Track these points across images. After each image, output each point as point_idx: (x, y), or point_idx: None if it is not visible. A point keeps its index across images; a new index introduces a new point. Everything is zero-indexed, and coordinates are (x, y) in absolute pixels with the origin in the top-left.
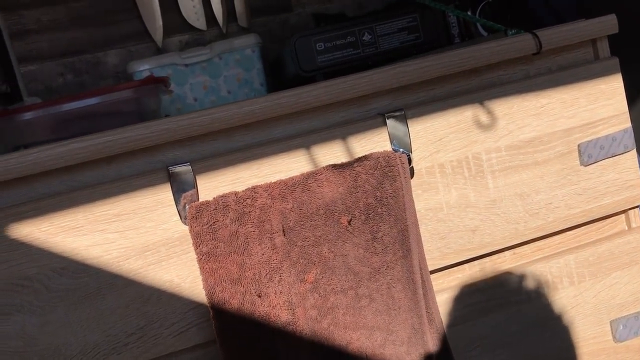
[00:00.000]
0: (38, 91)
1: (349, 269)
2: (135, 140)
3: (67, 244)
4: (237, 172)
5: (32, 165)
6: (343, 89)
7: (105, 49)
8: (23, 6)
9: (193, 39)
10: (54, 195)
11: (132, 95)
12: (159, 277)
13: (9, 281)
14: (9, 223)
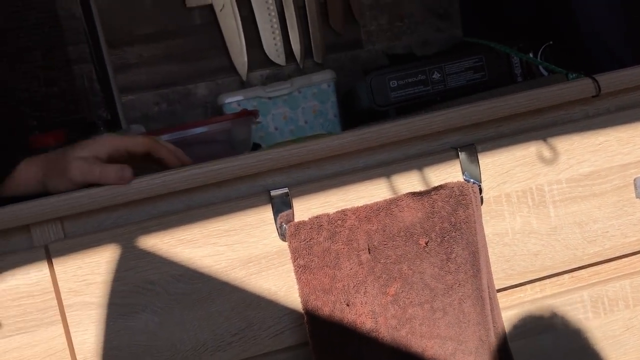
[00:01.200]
0: (136, 118)
1: (425, 284)
2: (243, 168)
3: (184, 254)
4: (327, 196)
5: (159, 187)
6: (421, 126)
7: (195, 81)
8: (127, 44)
9: (273, 74)
10: (174, 213)
11: (229, 126)
12: (259, 285)
13: (137, 284)
14: (138, 236)
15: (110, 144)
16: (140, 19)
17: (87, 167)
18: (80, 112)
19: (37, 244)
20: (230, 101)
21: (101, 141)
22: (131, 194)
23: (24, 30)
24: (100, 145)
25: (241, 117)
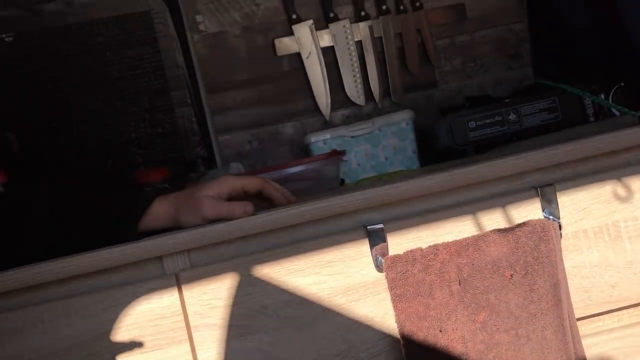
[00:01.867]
0: (230, 156)
1: (510, 313)
2: (344, 206)
3: (292, 282)
4: (418, 232)
5: (272, 223)
6: (504, 168)
7: (283, 121)
8: (224, 89)
9: (353, 113)
10: (284, 246)
11: (321, 164)
12: (358, 311)
13: (252, 308)
14: (253, 265)
15: (230, 184)
16: (236, 67)
17: (216, 205)
18: (180, 150)
19: (168, 272)
20: (316, 140)
21: (223, 182)
22: (248, 229)
23: (134, 79)
24: (223, 186)
25: (331, 156)
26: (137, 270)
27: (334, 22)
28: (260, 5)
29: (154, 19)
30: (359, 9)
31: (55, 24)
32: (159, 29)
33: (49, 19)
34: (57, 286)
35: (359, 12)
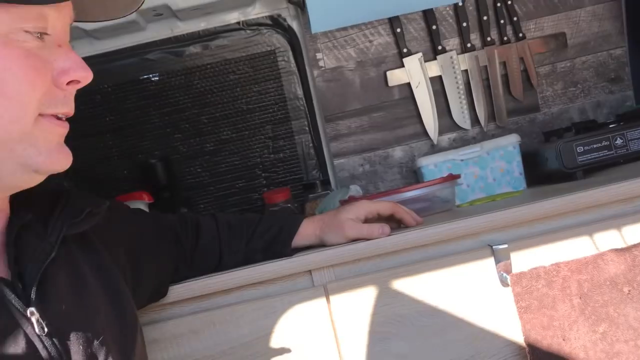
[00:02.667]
0: (344, 178)
1: (629, 325)
2: (470, 227)
3: (425, 294)
4: (539, 250)
5: (405, 242)
6: (617, 193)
7: (393, 146)
8: (339, 118)
9: (459, 137)
10: (416, 262)
11: (440, 187)
12: (484, 321)
13: (390, 317)
14: (390, 279)
15: (367, 208)
16: (350, 98)
17: (357, 226)
18: (299, 173)
19: (317, 284)
20: (427, 163)
21: (360, 206)
22: (385, 247)
23: (259, 110)
24: (361, 210)
25: (448, 180)
26: (290, 282)
27: (442, 54)
28: (374, 41)
29: (278, 57)
30: (465, 41)
31: (195, 64)
32: (282, 65)
33: (189, 60)
34: (225, 295)
35: (465, 44)
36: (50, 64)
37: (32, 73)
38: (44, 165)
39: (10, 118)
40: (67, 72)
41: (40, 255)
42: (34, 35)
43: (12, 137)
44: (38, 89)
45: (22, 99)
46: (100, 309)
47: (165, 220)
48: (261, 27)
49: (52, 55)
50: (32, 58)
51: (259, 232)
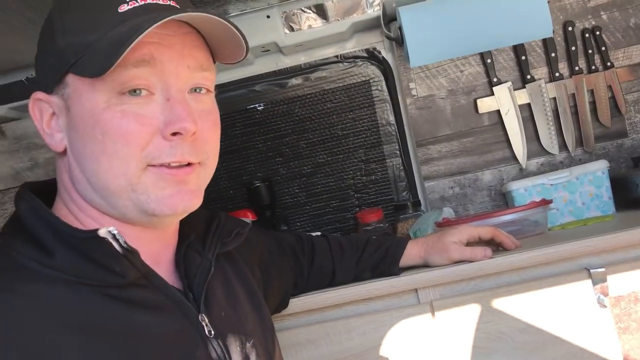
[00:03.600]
0: (434, 200)
1: None
2: (569, 251)
3: (524, 313)
4: (634, 275)
5: (507, 264)
6: None
7: (482, 169)
8: (430, 143)
9: (547, 161)
10: (515, 284)
11: (534, 212)
12: (582, 339)
13: (491, 333)
14: (492, 298)
15: (469, 232)
16: (441, 124)
17: (461, 249)
18: (390, 194)
19: (422, 301)
20: (517, 187)
21: (463, 230)
22: (488, 269)
23: (353, 135)
24: (463, 233)
25: (542, 204)
26: (397, 299)
27: (531, 83)
28: (465, 71)
29: (372, 86)
30: (553, 71)
31: (296, 94)
32: (375, 94)
33: (291, 91)
34: (337, 308)
35: (554, 73)
36: (155, 119)
37: (126, 132)
38: (157, 211)
39: (116, 173)
40: (169, 125)
41: (204, 270)
42: (131, 95)
43: (124, 188)
44: (135, 145)
45: (121, 156)
46: (248, 316)
47: (285, 239)
48: (357, 59)
49: (157, 109)
50: (128, 118)
51: (368, 252)
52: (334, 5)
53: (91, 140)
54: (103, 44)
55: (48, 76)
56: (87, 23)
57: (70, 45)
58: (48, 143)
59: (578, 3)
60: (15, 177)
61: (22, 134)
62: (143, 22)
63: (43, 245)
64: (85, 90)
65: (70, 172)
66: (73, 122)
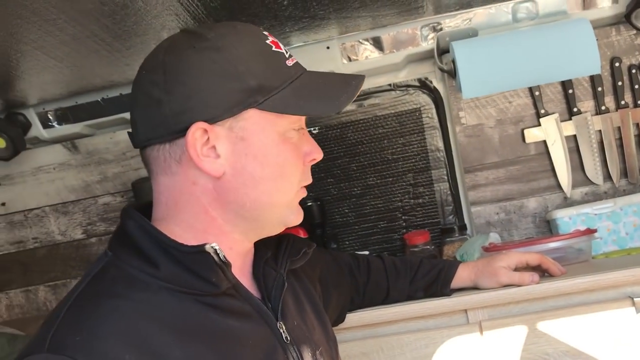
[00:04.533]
0: (480, 225)
1: None
2: (614, 279)
3: (569, 336)
4: None
5: (553, 290)
6: None
7: (528, 196)
8: (478, 169)
9: (591, 191)
10: (560, 308)
11: (578, 240)
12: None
13: (537, 354)
14: (538, 321)
15: (517, 258)
16: (489, 152)
17: (510, 274)
18: (436, 217)
19: (472, 321)
20: (562, 216)
21: (512, 256)
22: (535, 293)
23: (403, 160)
24: (512, 259)
25: (587, 234)
26: (447, 318)
27: (577, 115)
28: (513, 102)
29: (422, 114)
30: (599, 104)
31: (349, 119)
32: (425, 121)
33: (344, 116)
34: (391, 325)
35: (600, 106)
36: (302, 150)
37: (298, 160)
38: (293, 222)
39: (284, 192)
40: (310, 155)
41: (279, 283)
42: (296, 130)
43: (281, 204)
44: (299, 171)
45: (292, 179)
46: (314, 327)
47: (342, 257)
48: (409, 88)
49: (300, 141)
50: (296, 148)
51: (421, 273)
52: (390, 37)
53: (270, 165)
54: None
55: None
56: (269, 71)
57: (263, 86)
58: (205, 167)
59: (625, 40)
60: (85, 189)
61: (93, 150)
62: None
63: (149, 258)
64: (268, 124)
65: (218, 193)
66: (250, 150)
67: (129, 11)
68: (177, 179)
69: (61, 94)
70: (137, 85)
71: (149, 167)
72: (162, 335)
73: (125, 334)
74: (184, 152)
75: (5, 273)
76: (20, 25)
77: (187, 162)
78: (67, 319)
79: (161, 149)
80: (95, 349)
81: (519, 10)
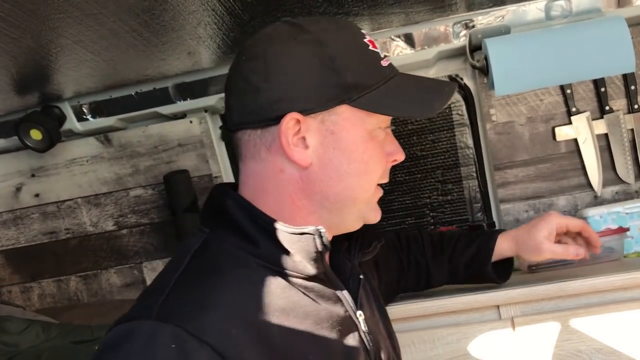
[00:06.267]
0: (508, 222)
1: None
2: None
3: (602, 334)
4: None
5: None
6: None
7: (557, 195)
8: (508, 167)
9: (622, 190)
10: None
11: (611, 238)
12: None
13: (570, 351)
14: (571, 318)
15: (558, 223)
16: (519, 150)
17: (554, 248)
18: (465, 214)
19: (503, 317)
20: (593, 214)
21: (551, 220)
22: (569, 290)
23: (432, 156)
24: (552, 224)
25: (619, 232)
26: (479, 313)
27: (609, 114)
28: (544, 100)
29: (452, 110)
30: (632, 103)
31: None
32: (455, 118)
33: None
34: (423, 319)
35: (632, 105)
36: (386, 149)
37: (382, 159)
38: (372, 219)
39: (365, 188)
40: (392, 155)
41: (356, 274)
42: (383, 129)
43: (362, 200)
44: (381, 169)
45: (374, 177)
46: (381, 318)
47: (389, 238)
48: None
49: (385, 141)
50: (381, 147)
51: (459, 249)
52: (422, 34)
53: (356, 160)
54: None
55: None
56: (365, 69)
57: (358, 84)
58: (294, 156)
59: None
60: (117, 181)
61: (126, 143)
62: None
63: (249, 237)
64: (358, 121)
65: (304, 183)
66: (338, 144)
67: (167, 6)
68: (265, 165)
69: (96, 88)
70: (236, 71)
71: (239, 150)
72: (264, 311)
73: (231, 307)
74: (275, 139)
75: (38, 263)
76: (63, 19)
77: (276, 149)
78: (175, 290)
79: (252, 134)
80: (204, 321)
81: (552, 8)
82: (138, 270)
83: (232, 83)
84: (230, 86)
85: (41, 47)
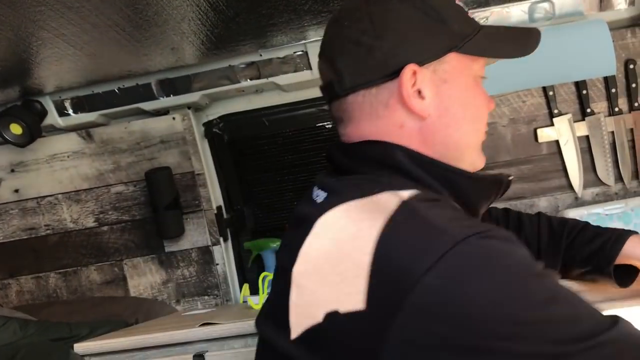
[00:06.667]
0: None
1: None
2: None
3: None
4: None
5: None
6: None
7: (539, 196)
8: (490, 168)
9: (602, 192)
10: None
11: None
12: None
13: None
14: None
15: None
16: (501, 151)
17: None
18: None
19: None
20: (573, 215)
21: None
22: None
23: None
24: None
25: None
26: None
27: (590, 116)
28: (526, 101)
29: None
30: (612, 105)
31: None
32: None
33: None
34: None
35: (613, 108)
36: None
37: (487, 104)
38: (480, 164)
39: (479, 133)
40: (488, 103)
41: None
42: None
43: (476, 145)
44: (487, 114)
45: (485, 121)
46: None
47: (493, 210)
48: None
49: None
50: (485, 92)
51: (579, 241)
52: None
53: (470, 106)
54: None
55: (428, 52)
56: (464, 19)
57: (462, 31)
58: (415, 107)
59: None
60: (98, 177)
61: (108, 139)
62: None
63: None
64: (465, 68)
65: (424, 135)
66: (452, 92)
67: (150, 1)
68: (383, 123)
69: (78, 83)
70: (340, 36)
71: (350, 115)
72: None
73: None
74: (392, 94)
75: (16, 259)
76: (43, 12)
77: (394, 104)
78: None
79: (367, 94)
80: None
81: (535, 10)
82: (118, 268)
83: (338, 49)
84: (337, 52)
85: (21, 40)
